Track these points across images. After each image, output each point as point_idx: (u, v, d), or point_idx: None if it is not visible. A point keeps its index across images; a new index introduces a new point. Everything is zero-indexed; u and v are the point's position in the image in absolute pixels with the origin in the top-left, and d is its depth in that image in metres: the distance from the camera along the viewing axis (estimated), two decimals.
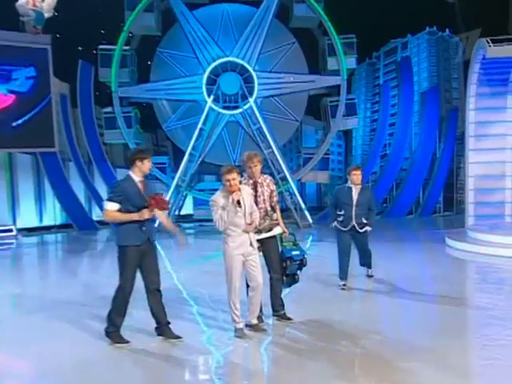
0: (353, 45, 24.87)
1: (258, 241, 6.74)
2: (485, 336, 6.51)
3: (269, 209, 7.01)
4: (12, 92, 21.90)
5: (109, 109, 24.38)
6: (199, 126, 23.75)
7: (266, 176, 7.16)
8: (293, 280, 7.23)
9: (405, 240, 17.96)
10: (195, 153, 23.79)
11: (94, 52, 24.60)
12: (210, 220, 6.65)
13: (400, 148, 26.25)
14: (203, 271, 11.63)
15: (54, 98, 22.89)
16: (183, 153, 24.46)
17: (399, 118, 26.56)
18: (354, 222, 8.92)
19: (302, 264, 7.14)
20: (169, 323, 6.44)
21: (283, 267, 7.07)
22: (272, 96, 24.93)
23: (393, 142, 26.80)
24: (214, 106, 24.01)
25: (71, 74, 24.47)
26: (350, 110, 24.98)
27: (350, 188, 9.02)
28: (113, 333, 6.28)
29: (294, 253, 7.09)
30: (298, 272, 7.22)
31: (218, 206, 6.30)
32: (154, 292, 6.30)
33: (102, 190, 24.79)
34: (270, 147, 23.87)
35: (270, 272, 7.03)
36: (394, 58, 30.17)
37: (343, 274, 9.07)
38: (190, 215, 25.85)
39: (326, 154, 25.05)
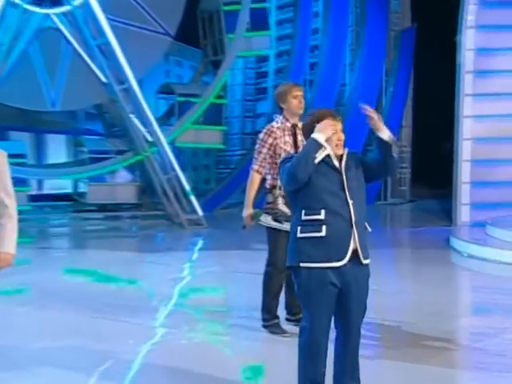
0: None
1: None
2: None
3: None
4: None
5: None
6: None
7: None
8: None
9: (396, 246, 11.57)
10: None
11: None
12: None
13: (329, 87, 16.57)
14: None
15: None
16: None
17: (325, 40, 16.68)
18: (356, 243, 3.19)
19: None
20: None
21: None
22: None
23: (316, 78, 16.99)
24: None
25: None
26: (259, 22, 14.96)
27: (329, 159, 3.31)
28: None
29: None
30: None
31: None
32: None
33: None
34: (125, 81, 13.37)
35: None
36: None
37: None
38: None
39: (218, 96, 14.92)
